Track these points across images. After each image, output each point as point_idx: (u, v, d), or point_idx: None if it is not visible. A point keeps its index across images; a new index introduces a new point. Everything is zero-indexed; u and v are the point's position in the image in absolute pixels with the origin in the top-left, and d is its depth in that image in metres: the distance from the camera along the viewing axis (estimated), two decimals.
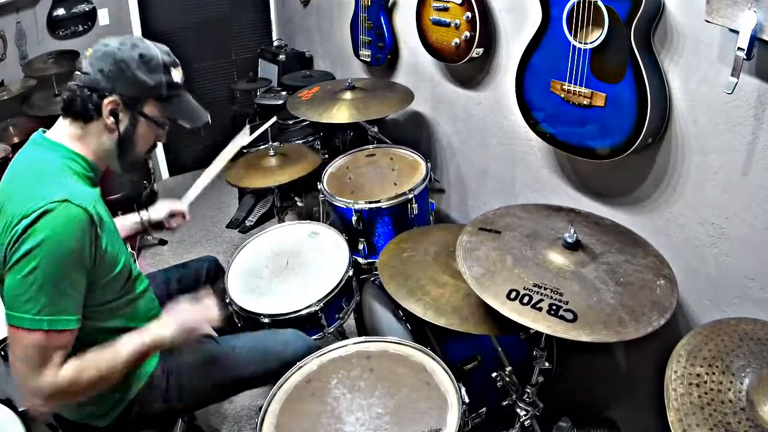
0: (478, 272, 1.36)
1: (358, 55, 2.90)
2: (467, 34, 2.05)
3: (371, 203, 2.14)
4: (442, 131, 2.64)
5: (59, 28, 3.50)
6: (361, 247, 2.22)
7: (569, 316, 1.20)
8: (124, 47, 1.24)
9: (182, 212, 1.82)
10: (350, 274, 1.98)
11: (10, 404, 1.55)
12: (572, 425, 1.85)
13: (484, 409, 1.63)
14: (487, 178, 2.40)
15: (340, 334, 2.21)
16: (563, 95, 1.61)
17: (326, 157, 2.95)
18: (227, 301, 1.92)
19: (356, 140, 2.88)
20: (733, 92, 1.24)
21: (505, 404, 1.67)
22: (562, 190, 1.97)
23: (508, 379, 1.66)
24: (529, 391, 1.62)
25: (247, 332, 1.82)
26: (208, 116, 1.41)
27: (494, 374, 1.67)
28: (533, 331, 1.25)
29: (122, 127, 1.27)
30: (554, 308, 1.22)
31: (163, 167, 4.26)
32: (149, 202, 3.53)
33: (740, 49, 1.17)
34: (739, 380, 1.01)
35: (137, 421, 1.41)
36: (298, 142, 2.99)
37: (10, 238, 1.10)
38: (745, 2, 1.15)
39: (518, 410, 1.64)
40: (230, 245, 3.35)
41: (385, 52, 2.74)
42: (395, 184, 2.26)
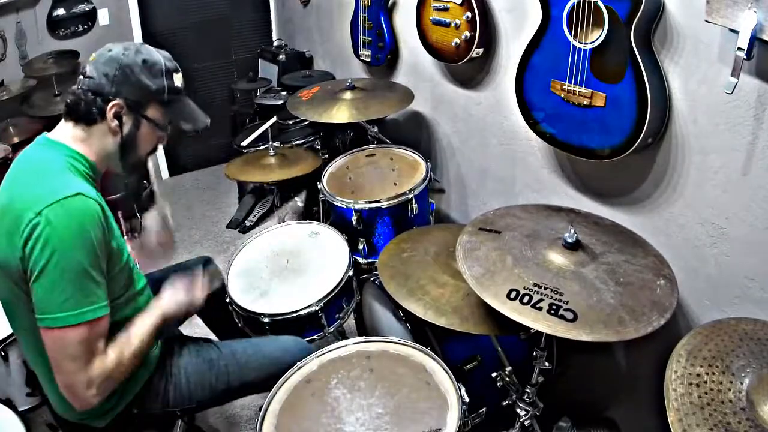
0: (478, 272, 1.36)
1: (358, 55, 2.91)
2: (467, 34, 2.05)
3: (371, 203, 2.14)
4: (442, 131, 2.64)
5: (59, 28, 3.50)
6: (361, 247, 2.22)
7: (569, 315, 1.20)
8: (128, 52, 1.27)
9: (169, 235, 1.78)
10: (350, 274, 1.98)
11: (10, 404, 1.55)
12: (572, 425, 1.85)
13: (484, 409, 1.63)
14: (487, 178, 2.40)
15: (340, 334, 2.21)
16: (563, 95, 1.61)
17: (326, 157, 2.95)
18: (227, 300, 1.92)
19: (356, 140, 2.88)
20: (733, 92, 1.24)
21: (505, 404, 1.67)
22: (562, 190, 1.97)
23: (508, 379, 1.66)
24: (529, 391, 1.62)
25: (247, 338, 1.83)
26: (208, 120, 1.44)
27: (494, 374, 1.67)
28: (533, 331, 1.25)
29: (125, 129, 1.30)
30: (554, 308, 1.22)
31: (163, 167, 4.26)
32: (149, 202, 3.54)
33: (740, 49, 1.17)
34: (739, 380, 1.01)
35: (136, 421, 1.41)
36: (298, 142, 2.99)
37: (27, 232, 1.11)
38: (745, 2, 1.15)
39: (518, 410, 1.64)
40: (230, 245, 3.35)
41: (385, 52, 2.74)
42: (395, 184, 2.26)
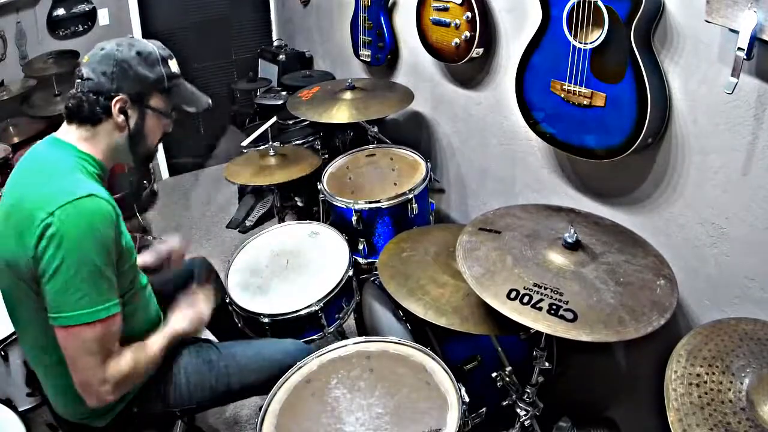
0: (478, 272, 1.36)
1: (358, 55, 2.91)
2: (467, 34, 2.05)
3: (371, 203, 2.14)
4: (442, 131, 2.64)
5: (59, 28, 3.50)
6: (361, 247, 2.22)
7: (569, 315, 1.20)
8: (121, 48, 1.27)
9: (178, 250, 1.75)
10: (350, 274, 1.98)
11: (10, 404, 1.55)
12: (572, 425, 1.85)
13: (484, 409, 1.63)
14: (487, 178, 2.40)
15: (340, 334, 2.21)
16: (563, 95, 1.61)
17: (326, 157, 2.95)
18: (227, 301, 1.92)
19: (356, 140, 2.88)
20: (733, 92, 1.24)
21: (505, 404, 1.67)
22: (562, 190, 1.97)
23: (508, 379, 1.66)
24: (529, 391, 1.62)
25: (247, 340, 1.83)
26: (209, 99, 1.46)
27: (494, 374, 1.67)
28: (533, 331, 1.25)
29: (132, 123, 1.31)
30: (554, 308, 1.22)
31: (163, 167, 4.26)
32: (149, 202, 3.55)
33: (740, 49, 1.17)
34: (739, 380, 1.01)
35: (136, 421, 1.41)
36: (298, 142, 2.99)
37: (39, 232, 1.11)
38: (745, 2, 1.15)
39: (518, 410, 1.64)
40: (230, 245, 3.35)
41: (385, 52, 2.74)
42: (395, 184, 2.26)
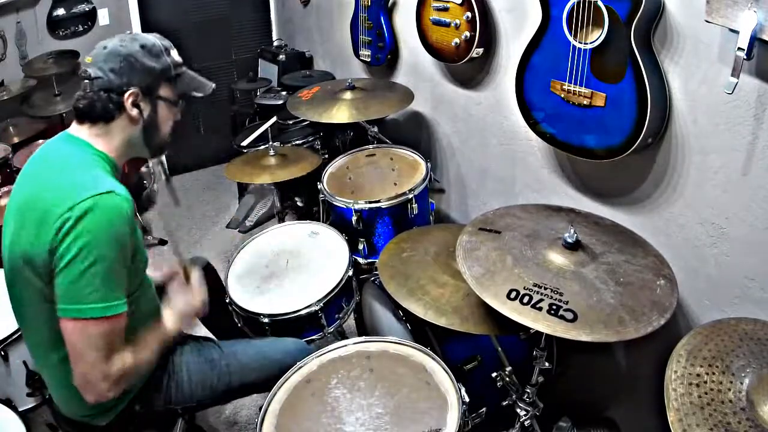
0: (478, 272, 1.36)
1: (358, 55, 2.90)
2: (467, 34, 2.05)
3: (371, 203, 2.14)
4: (442, 131, 2.64)
5: (59, 28, 3.50)
6: (361, 247, 2.22)
7: (569, 315, 1.20)
8: (124, 43, 1.28)
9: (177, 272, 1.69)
10: (350, 274, 1.98)
11: (10, 404, 1.55)
12: (572, 425, 1.85)
13: (484, 409, 1.63)
14: (487, 178, 2.40)
15: (340, 334, 2.21)
16: (563, 95, 1.61)
17: (326, 157, 2.95)
18: (227, 301, 1.92)
19: (356, 140, 2.88)
20: (733, 92, 1.24)
21: (505, 404, 1.67)
22: (562, 190, 1.97)
23: (508, 379, 1.66)
24: (529, 391, 1.62)
25: (248, 339, 1.83)
26: (213, 84, 1.48)
27: (494, 374, 1.66)
28: (533, 331, 1.25)
29: (145, 115, 1.32)
30: (554, 308, 1.22)
31: None
32: (149, 202, 3.54)
33: (740, 49, 1.17)
34: (739, 380, 1.01)
35: (137, 420, 1.42)
36: (298, 142, 2.99)
37: (57, 226, 1.13)
38: (745, 2, 1.15)
39: (518, 410, 1.64)
40: (230, 245, 3.35)
41: (385, 52, 2.74)
42: (395, 184, 2.26)
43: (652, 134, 1.50)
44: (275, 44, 4.19)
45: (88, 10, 3.55)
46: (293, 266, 2.02)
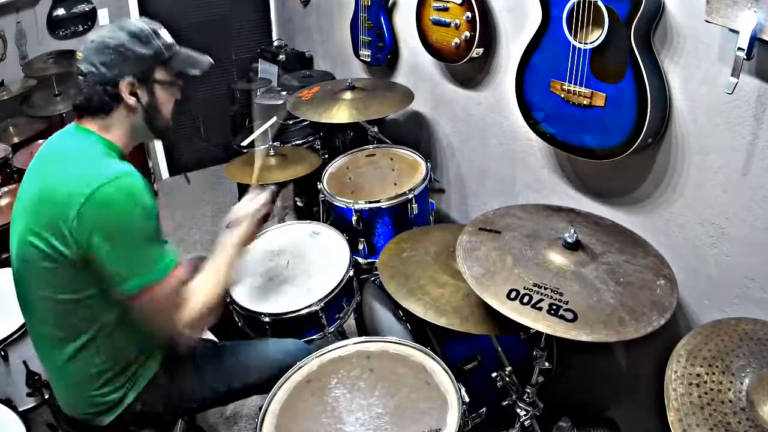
0: (478, 272, 1.36)
1: (358, 55, 2.90)
2: (467, 34, 2.05)
3: (371, 203, 2.14)
4: (442, 131, 2.64)
5: (59, 28, 3.50)
6: (361, 247, 2.22)
7: (569, 315, 1.20)
8: (112, 33, 1.28)
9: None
10: (350, 274, 1.98)
11: (10, 404, 1.55)
12: (572, 425, 1.85)
13: (484, 409, 1.63)
14: (487, 178, 2.40)
15: (340, 334, 2.21)
16: (563, 95, 1.61)
17: (326, 157, 2.95)
18: (227, 300, 1.92)
19: (356, 140, 2.88)
20: (733, 92, 1.24)
21: (505, 404, 1.67)
22: (562, 190, 1.97)
23: (508, 379, 1.66)
24: (529, 391, 1.62)
25: (248, 340, 1.83)
26: (210, 59, 1.47)
27: (494, 374, 1.67)
28: (533, 331, 1.25)
29: (144, 101, 1.33)
30: (554, 308, 1.22)
31: (163, 167, 4.26)
32: None
33: (740, 49, 1.17)
34: (739, 380, 1.02)
35: (138, 420, 1.42)
36: (298, 142, 2.99)
37: (85, 214, 1.14)
38: (745, 2, 1.15)
39: (518, 410, 1.64)
40: None
41: (385, 52, 2.74)
42: (395, 184, 2.26)
43: (652, 134, 1.50)
44: (275, 44, 4.19)
45: (88, 10, 3.55)
46: (294, 266, 2.02)
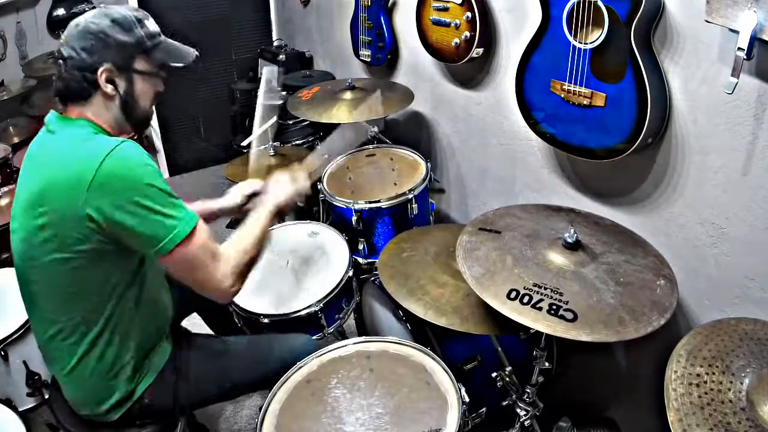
0: (478, 272, 1.36)
1: (358, 55, 2.90)
2: (467, 34, 2.05)
3: (371, 203, 2.14)
4: (442, 131, 2.64)
5: (59, 28, 3.49)
6: (361, 247, 2.22)
7: (569, 315, 1.20)
8: (95, 19, 1.28)
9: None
10: (350, 274, 1.98)
11: (10, 404, 1.55)
12: (572, 425, 1.85)
13: (484, 409, 1.63)
14: (487, 178, 2.40)
15: (340, 334, 2.21)
16: (563, 95, 1.61)
17: (326, 157, 2.94)
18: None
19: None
20: (733, 92, 1.24)
21: (505, 404, 1.67)
22: (562, 190, 1.97)
23: (508, 379, 1.66)
24: (529, 391, 1.62)
25: (256, 335, 1.83)
26: (195, 51, 1.47)
27: (494, 374, 1.67)
28: (533, 331, 1.25)
29: (121, 90, 1.31)
30: (554, 308, 1.22)
31: (163, 167, 4.26)
32: None
33: (740, 49, 1.17)
34: (739, 380, 1.02)
35: (145, 414, 1.42)
36: (298, 142, 2.99)
37: (91, 189, 1.15)
38: (745, 2, 1.15)
39: (518, 410, 1.64)
40: None
41: (385, 52, 2.74)
42: (395, 184, 2.26)
43: (652, 134, 1.50)
44: (275, 44, 4.19)
45: (87, 10, 3.54)
46: (293, 266, 2.03)
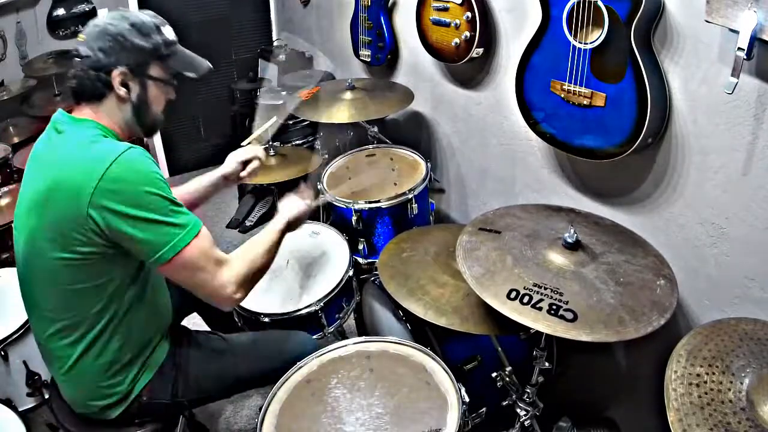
0: (478, 272, 1.36)
1: (358, 55, 2.90)
2: (467, 34, 2.05)
3: (371, 203, 2.14)
4: (442, 131, 2.64)
5: (59, 28, 3.49)
6: (361, 247, 2.22)
7: (569, 315, 1.20)
8: (115, 21, 1.29)
9: (256, 157, 1.79)
10: (350, 274, 1.99)
11: (10, 404, 1.55)
12: (572, 425, 1.85)
13: (484, 409, 1.63)
14: (487, 178, 2.40)
15: (340, 334, 2.21)
16: (563, 95, 1.61)
17: (326, 157, 2.95)
18: None
19: (356, 140, 2.88)
20: (733, 92, 1.24)
21: (505, 404, 1.67)
22: (562, 190, 1.97)
23: (508, 379, 1.66)
24: (529, 391, 1.62)
25: (257, 331, 1.83)
26: (209, 64, 1.48)
27: (494, 374, 1.67)
28: (533, 331, 1.25)
29: (134, 94, 1.32)
30: (554, 308, 1.22)
31: (163, 167, 4.26)
32: None
33: (740, 49, 1.17)
34: (739, 380, 1.02)
35: (144, 412, 1.42)
36: (298, 142, 2.99)
37: (97, 198, 1.16)
38: (745, 2, 1.15)
39: (518, 410, 1.64)
40: (230, 245, 3.35)
41: (385, 52, 2.74)
42: (395, 184, 2.26)
43: (652, 134, 1.50)
44: (275, 44, 4.19)
45: (88, 10, 3.54)
46: (293, 266, 2.03)
